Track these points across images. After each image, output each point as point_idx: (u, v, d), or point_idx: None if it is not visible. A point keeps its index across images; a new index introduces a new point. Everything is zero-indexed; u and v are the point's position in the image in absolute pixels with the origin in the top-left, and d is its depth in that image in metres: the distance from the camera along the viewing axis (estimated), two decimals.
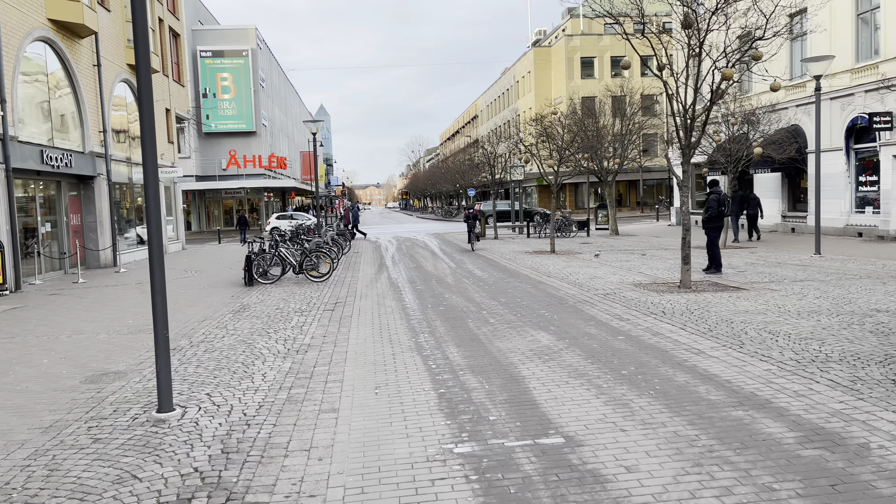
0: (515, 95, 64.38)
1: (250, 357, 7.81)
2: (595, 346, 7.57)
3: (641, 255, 18.05)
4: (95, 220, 20.18)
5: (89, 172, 19.64)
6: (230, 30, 51.41)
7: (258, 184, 49.59)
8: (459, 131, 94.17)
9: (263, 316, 10.72)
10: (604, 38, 55.47)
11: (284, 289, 14.18)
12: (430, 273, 16.12)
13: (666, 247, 20.78)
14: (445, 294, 12.38)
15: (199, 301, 12.76)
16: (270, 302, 12.28)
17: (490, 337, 8.33)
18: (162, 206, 26.57)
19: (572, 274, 14.42)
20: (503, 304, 10.88)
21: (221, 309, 11.66)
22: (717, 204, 12.94)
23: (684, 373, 6.32)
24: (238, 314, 11.00)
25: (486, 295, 11.98)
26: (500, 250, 21.85)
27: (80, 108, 19.28)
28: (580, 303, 10.58)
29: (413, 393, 6.10)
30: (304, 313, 10.86)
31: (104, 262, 20.29)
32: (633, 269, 14.72)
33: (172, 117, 27.84)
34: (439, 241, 28.27)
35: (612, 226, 27.98)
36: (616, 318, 9.11)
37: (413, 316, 10.17)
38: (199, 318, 10.74)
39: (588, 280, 13.25)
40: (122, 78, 22.35)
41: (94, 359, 8.09)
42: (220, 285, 15.24)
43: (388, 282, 14.74)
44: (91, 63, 20.00)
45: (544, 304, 10.66)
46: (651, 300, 10.49)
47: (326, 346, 8.25)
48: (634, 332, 8.17)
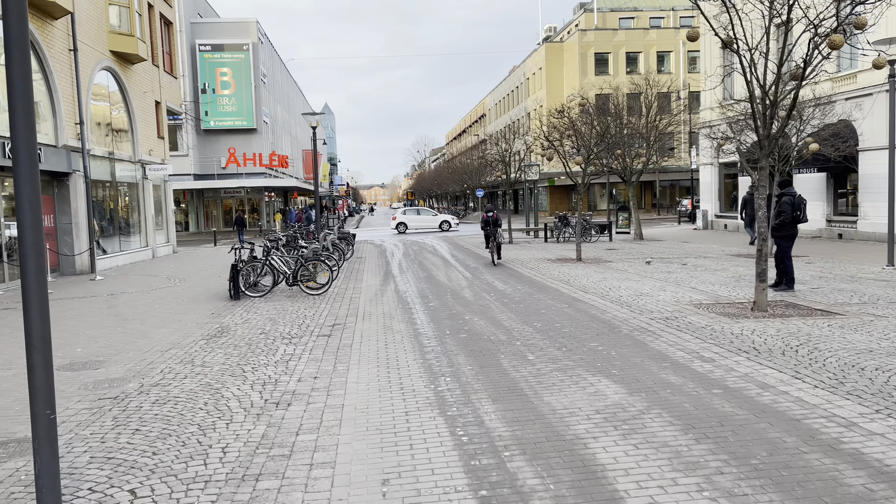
0: (525, 93, 62.28)
1: (213, 414, 5.76)
2: (688, 406, 5.48)
3: (682, 265, 15.95)
4: (71, 222, 18.18)
5: (63, 169, 17.65)
6: (230, 23, 49.50)
7: (258, 183, 47.61)
8: (466, 130, 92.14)
9: (243, 344, 8.67)
10: (618, 33, 53.37)
11: (275, 304, 12.14)
12: (443, 285, 14.06)
13: (703, 254, 18.66)
14: (465, 314, 10.31)
15: (171, 321, 10.72)
16: (255, 322, 10.23)
17: (534, 385, 6.26)
18: (151, 206, 24.72)
19: (612, 289, 12.32)
20: (539, 330, 8.80)
21: (195, 332, 9.63)
22: (790, 208, 10.84)
23: (849, 465, 4.24)
24: (213, 341, 8.95)
25: (514, 316, 9.91)
26: (518, 257, 19.77)
27: (53, 97, 17.28)
28: (638, 331, 8.50)
29: (440, 493, 4.04)
30: (293, 340, 8.81)
31: (81, 268, 18.29)
32: (683, 284, 12.62)
33: (163, 111, 25.86)
34: (449, 245, 26.21)
35: (636, 229, 25.87)
36: (695, 358, 7.02)
37: (428, 347, 8.11)
38: (164, 346, 8.69)
39: (634, 298, 11.15)
40: (104, 66, 20.37)
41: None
42: (202, 298, 13.21)
43: (396, 296, 12.69)
44: (66, 47, 18.01)
45: (592, 331, 8.58)
46: (727, 329, 8.40)
47: (317, 396, 6.20)
48: (732, 383, 6.08)
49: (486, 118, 79.74)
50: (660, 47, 53.14)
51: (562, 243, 25.26)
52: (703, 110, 29.13)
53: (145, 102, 23.77)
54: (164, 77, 26.07)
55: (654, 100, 23.74)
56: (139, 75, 23.15)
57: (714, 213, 29.70)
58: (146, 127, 23.85)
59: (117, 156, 21.66)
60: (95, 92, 20.04)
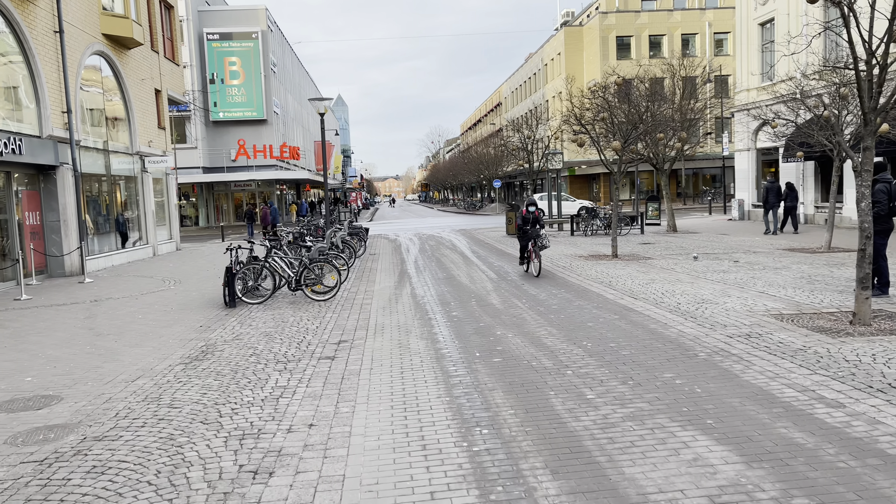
0: (543, 80, 60.20)
1: (163, 494, 4.16)
2: (841, 489, 3.78)
3: (734, 262, 14.14)
4: (59, 219, 16.73)
5: (49, 161, 16.18)
6: (239, 10, 47.96)
7: (269, 175, 46.20)
8: (482, 119, 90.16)
9: (227, 371, 7.08)
10: (641, 14, 51.12)
11: (274, 313, 10.56)
12: (465, 288, 12.40)
13: (751, 248, 16.81)
14: (495, 327, 8.65)
15: (151, 336, 9.17)
16: (248, 339, 8.64)
17: (605, 445, 4.59)
18: (151, 201, 23.28)
19: (665, 294, 10.59)
20: (592, 353, 7.12)
21: (174, 353, 8.06)
22: (886, 197, 9.02)
23: None
24: (192, 366, 7.37)
25: (556, 332, 8.22)
26: (546, 253, 18.04)
27: (36, 83, 15.79)
28: (718, 355, 6.78)
29: None
30: (288, 366, 7.20)
31: (70, 269, 16.85)
32: (747, 287, 10.84)
33: (164, 99, 24.35)
34: (468, 239, 24.53)
35: (670, 221, 24.00)
36: (814, 399, 5.30)
37: (455, 376, 6.47)
38: (132, 374, 7.13)
39: (696, 306, 9.41)
40: (96, 50, 18.85)
41: None
42: (194, 306, 11.66)
43: (412, 302, 11.05)
44: (52, 29, 16.49)
45: (659, 354, 6.88)
46: (835, 351, 6.66)
47: (309, 460, 4.58)
48: (890, 445, 4.36)
49: (502, 107, 77.71)
50: (685, 29, 50.82)
51: (590, 237, 23.48)
52: (740, 92, 27.11)
53: (143, 90, 22.27)
54: (164, 64, 24.55)
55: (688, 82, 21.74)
56: (136, 61, 21.64)
57: (751, 203, 27.71)
58: (145, 117, 22.37)
59: (112, 147, 20.19)
60: (86, 78, 18.54)
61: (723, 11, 51.63)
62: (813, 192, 23.98)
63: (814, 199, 23.97)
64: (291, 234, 16.72)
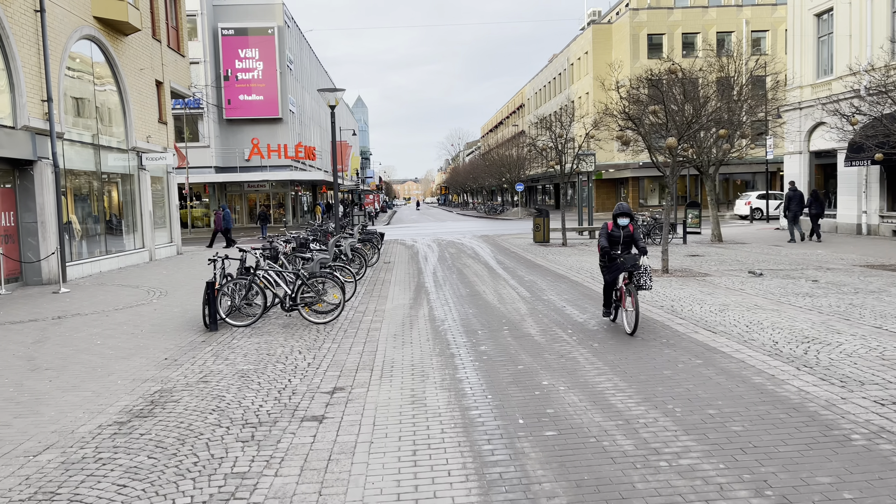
0: (569, 80, 57.97)
1: None
2: None
3: (813, 282, 11.90)
4: (35, 221, 14.94)
5: (25, 155, 14.40)
6: (254, 5, 46.36)
7: (283, 176, 44.52)
8: (503, 122, 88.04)
9: (172, 440, 5.08)
10: (674, 12, 48.72)
11: (260, 340, 8.56)
12: (493, 309, 10.33)
13: (822, 264, 14.51)
14: (540, 373, 6.57)
15: (98, 373, 7.21)
16: (218, 382, 6.65)
17: None
18: (149, 201, 21.51)
19: (750, 327, 8.40)
20: (688, 428, 5.00)
21: (116, 403, 6.08)
22: None
23: None
24: (130, 428, 5.39)
25: (625, 385, 6.12)
26: (580, 265, 15.90)
27: (10, 67, 14.02)
28: (882, 438, 4.63)
29: None
30: (258, 432, 5.19)
31: (48, 276, 15.04)
32: (855, 319, 8.60)
33: (166, 91, 22.58)
34: (491, 247, 22.44)
35: (714, 230, 21.73)
36: None
37: (494, 467, 4.40)
38: (41, 442, 5.16)
39: (801, 347, 7.23)
40: (85, 33, 17.08)
41: None
42: (169, 328, 9.72)
43: (430, 328, 9.01)
44: (32, 7, 14.73)
45: (789, 435, 4.75)
46: None
47: None
48: None
49: (524, 108, 75.53)
50: (720, 27, 48.32)
51: None
52: (792, 89, 24.73)
53: (142, 81, 20.51)
54: (167, 54, 22.80)
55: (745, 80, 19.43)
56: (134, 49, 19.88)
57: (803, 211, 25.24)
58: (143, 110, 20.60)
59: (105, 142, 18.41)
60: (74, 65, 16.78)
61: (760, 9, 49.09)
62: (878, 200, 21.54)
63: (878, 207, 21.54)
64: (295, 240, 14.77)
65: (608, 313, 8.88)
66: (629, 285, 8.15)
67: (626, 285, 8.20)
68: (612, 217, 8.53)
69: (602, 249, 8.51)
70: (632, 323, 8.07)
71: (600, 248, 8.55)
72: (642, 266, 8.26)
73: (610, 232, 8.52)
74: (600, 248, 8.54)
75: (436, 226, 42.11)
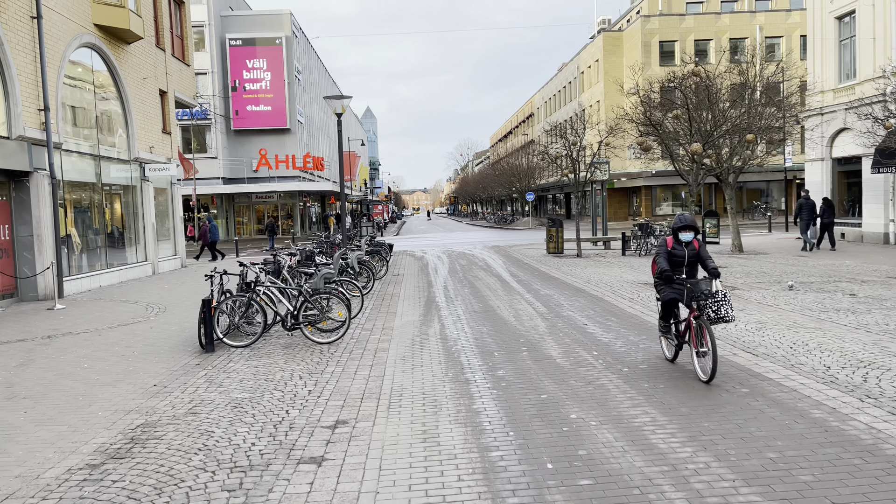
0: (580, 88, 57.36)
1: None
2: None
3: (850, 296, 11.13)
4: (31, 235, 14.40)
5: (21, 166, 13.88)
6: (262, 15, 46.20)
7: (291, 187, 44.08)
8: (513, 131, 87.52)
9: (147, 490, 4.42)
10: (686, 18, 48.07)
11: (259, 363, 7.91)
12: (510, 327, 9.64)
13: (855, 275, 13.72)
14: (567, 404, 5.87)
15: (78, 403, 6.57)
16: (208, 413, 5.99)
17: None
18: (152, 213, 21.00)
19: (794, 348, 7.65)
20: (748, 478, 4.28)
21: (91, 441, 5.44)
22: None
23: None
24: (102, 473, 4.73)
25: (664, 419, 5.41)
26: (598, 278, 15.18)
27: (6, 75, 13.54)
28: None
29: None
30: (247, 478, 4.52)
31: (44, 291, 14.48)
32: None
33: (170, 101, 22.13)
34: (503, 258, 21.74)
35: (735, 240, 20.92)
36: None
37: None
38: None
39: (857, 373, 6.48)
40: (85, 41, 16.62)
41: None
42: (164, 348, 9.08)
43: (442, 349, 8.33)
44: (28, 14, 14.27)
45: (874, 491, 4.03)
46: None
47: None
48: None
49: (534, 117, 74.99)
50: (733, 33, 47.59)
51: (644, 257, 20.52)
52: (813, 94, 23.96)
53: (145, 90, 20.05)
54: (172, 63, 22.36)
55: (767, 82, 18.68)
56: (137, 58, 19.43)
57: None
58: (147, 120, 20.13)
59: (105, 152, 17.91)
60: (73, 73, 16.31)
61: (774, 15, 48.38)
62: None
63: None
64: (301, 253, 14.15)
65: (669, 344, 7.24)
66: (700, 318, 6.33)
67: (697, 318, 6.39)
68: (672, 231, 6.89)
69: (661, 273, 6.75)
70: (707, 369, 6.24)
71: (659, 272, 6.84)
72: (718, 292, 6.40)
73: (671, 250, 6.84)
74: (659, 271, 6.82)
75: (445, 236, 41.48)
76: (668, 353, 7.30)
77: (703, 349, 6.30)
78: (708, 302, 6.37)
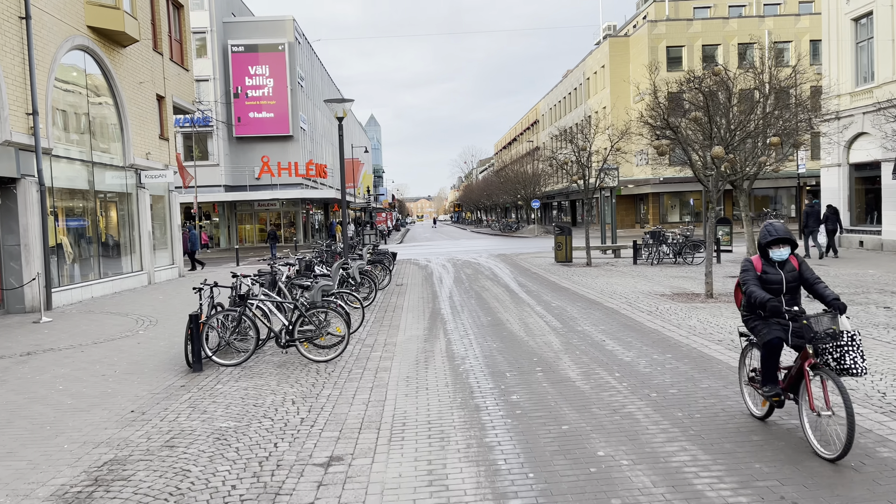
0: (586, 94, 56.78)
1: None
2: None
3: (885, 308, 10.40)
4: (18, 244, 13.79)
5: (8, 172, 13.29)
6: (264, 21, 45.79)
7: (294, 194, 43.47)
8: (517, 138, 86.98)
9: None
10: (693, 23, 47.49)
11: (249, 385, 7.23)
12: (521, 343, 8.94)
13: (880, 286, 13.00)
14: (592, 437, 5.17)
15: (44, 433, 5.90)
16: (186, 447, 5.31)
17: None
18: (148, 221, 20.39)
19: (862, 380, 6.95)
20: None
21: (50, 482, 4.77)
22: None
23: None
24: None
25: (708, 458, 4.71)
26: (611, 288, 14.47)
27: None
28: None
29: None
30: None
31: (31, 303, 13.84)
32: None
33: (168, 106, 21.56)
34: (510, 267, 21.05)
35: (750, 248, 20.16)
36: None
37: None
38: None
39: None
40: (78, 43, 16.05)
41: None
42: (148, 367, 8.41)
43: (449, 369, 7.63)
44: (16, 14, 13.71)
45: None
46: None
47: None
48: None
49: (539, 124, 74.42)
50: (741, 38, 46.94)
51: (655, 266, 19.82)
52: (829, 98, 23.26)
53: (142, 95, 19.48)
54: (170, 67, 21.82)
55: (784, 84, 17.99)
56: (133, 61, 18.86)
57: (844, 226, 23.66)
58: (143, 125, 19.55)
59: (99, 159, 17.32)
60: (65, 76, 15.73)
61: (783, 19, 47.78)
62: None
63: None
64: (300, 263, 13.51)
65: (770, 400, 5.10)
66: (821, 368, 4.62)
67: (815, 368, 4.67)
68: (759, 247, 5.13)
69: (763, 304, 4.87)
70: (838, 438, 4.47)
71: (757, 302, 4.93)
72: (844, 332, 4.65)
73: (762, 275, 5.07)
74: (758, 301, 4.91)
75: (450, 244, 40.81)
76: (756, 408, 5.46)
77: (827, 412, 4.53)
78: (828, 346, 4.67)
